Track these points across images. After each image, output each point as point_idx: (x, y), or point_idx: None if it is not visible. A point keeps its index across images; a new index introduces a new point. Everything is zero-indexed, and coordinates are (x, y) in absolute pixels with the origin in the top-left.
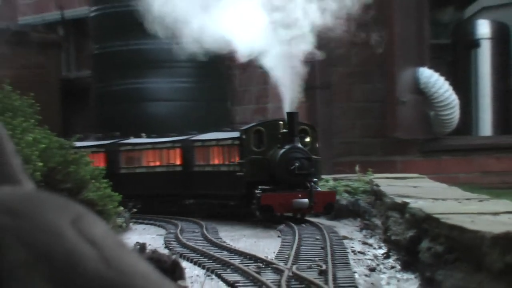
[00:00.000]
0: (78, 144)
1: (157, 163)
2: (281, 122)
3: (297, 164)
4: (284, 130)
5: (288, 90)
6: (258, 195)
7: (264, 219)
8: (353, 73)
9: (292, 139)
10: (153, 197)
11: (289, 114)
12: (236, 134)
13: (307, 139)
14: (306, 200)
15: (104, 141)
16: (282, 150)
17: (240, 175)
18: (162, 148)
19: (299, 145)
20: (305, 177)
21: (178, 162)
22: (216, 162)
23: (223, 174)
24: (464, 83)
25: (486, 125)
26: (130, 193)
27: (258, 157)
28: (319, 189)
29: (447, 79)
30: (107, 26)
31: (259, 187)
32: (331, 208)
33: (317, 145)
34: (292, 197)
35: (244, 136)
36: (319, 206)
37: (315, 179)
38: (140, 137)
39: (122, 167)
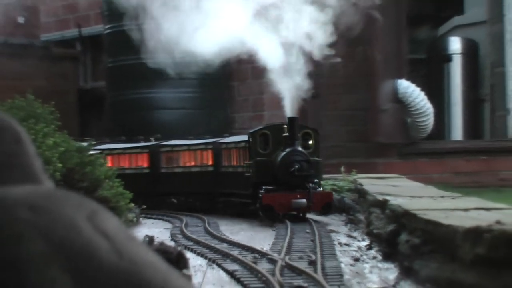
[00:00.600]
0: (125, 145)
1: (192, 163)
2: (285, 126)
3: (296, 166)
4: (286, 134)
5: (289, 98)
6: (260, 195)
7: (266, 218)
8: (339, 85)
9: (293, 142)
10: (188, 195)
11: (289, 119)
12: (246, 137)
13: (311, 142)
14: (304, 200)
15: (147, 143)
16: (283, 153)
17: (248, 176)
18: (196, 150)
19: (299, 148)
20: (304, 178)
21: (210, 162)
22: (235, 163)
23: (238, 174)
24: (437, 93)
25: (457, 131)
26: (170, 191)
27: (263, 159)
28: (321, 189)
29: (422, 89)
30: (119, 42)
31: (263, 187)
32: (329, 207)
33: (319, 147)
34: (292, 197)
35: (251, 139)
36: (317, 206)
37: (316, 180)
38: (149, 141)
39: (162, 166)
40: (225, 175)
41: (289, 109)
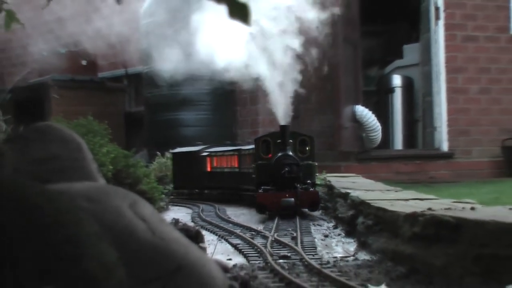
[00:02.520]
0: (222, 148)
1: (224, 165)
2: (280, 135)
3: (287, 169)
4: (279, 140)
5: (281, 109)
6: (255, 194)
7: (260, 214)
8: (313, 109)
9: (284, 147)
10: (223, 189)
11: (281, 126)
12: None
13: (307, 148)
14: (292, 199)
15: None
16: (276, 157)
17: (253, 177)
18: (228, 155)
19: (290, 153)
20: (294, 180)
21: (236, 165)
22: (248, 165)
23: (249, 174)
24: (384, 115)
25: (398, 143)
26: (213, 186)
27: (264, 162)
28: (312, 189)
29: (373, 113)
30: (153, 79)
31: (262, 187)
32: (316, 206)
33: (314, 152)
34: (282, 196)
35: (255, 145)
36: (304, 204)
37: (308, 181)
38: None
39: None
40: (243, 175)
41: (282, 118)
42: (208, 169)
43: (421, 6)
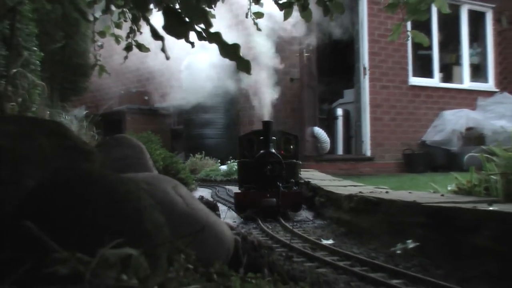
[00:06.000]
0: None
1: None
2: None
3: (269, 167)
4: (261, 138)
5: (266, 104)
6: (235, 192)
7: (239, 213)
8: (287, 128)
9: (267, 145)
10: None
11: (264, 122)
12: None
13: (292, 147)
14: (274, 199)
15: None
16: (258, 155)
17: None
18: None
19: (273, 151)
20: (276, 178)
21: None
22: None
23: None
24: (331, 133)
25: (340, 150)
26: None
27: (246, 160)
28: (295, 188)
29: (325, 131)
30: (190, 108)
31: (244, 185)
32: (298, 207)
33: (298, 151)
34: (262, 196)
35: (238, 143)
36: (286, 205)
37: (292, 180)
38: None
39: None
40: None
41: (265, 115)
42: None
43: (355, 66)
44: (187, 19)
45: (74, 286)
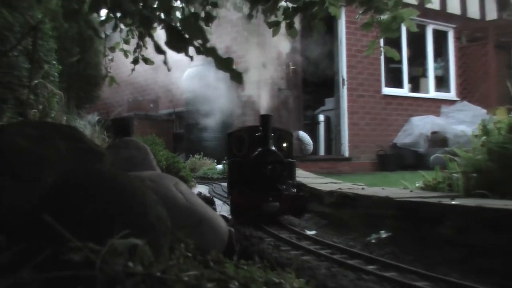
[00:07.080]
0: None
1: None
2: (261, 128)
3: (269, 167)
4: (258, 134)
5: (264, 97)
6: (231, 196)
7: (235, 219)
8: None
9: (266, 142)
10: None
11: (263, 116)
12: None
13: (285, 144)
14: (277, 203)
15: None
16: (255, 153)
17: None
18: None
19: (273, 148)
20: (277, 180)
21: None
22: None
23: None
24: (314, 137)
25: (322, 151)
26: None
27: (237, 159)
28: (294, 190)
29: (308, 135)
30: (190, 115)
31: (237, 187)
32: (301, 212)
33: (292, 149)
34: (263, 200)
35: (228, 141)
36: (288, 209)
37: (290, 181)
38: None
39: None
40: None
41: (264, 108)
42: None
43: (335, 78)
44: (186, 36)
45: (86, 271)
